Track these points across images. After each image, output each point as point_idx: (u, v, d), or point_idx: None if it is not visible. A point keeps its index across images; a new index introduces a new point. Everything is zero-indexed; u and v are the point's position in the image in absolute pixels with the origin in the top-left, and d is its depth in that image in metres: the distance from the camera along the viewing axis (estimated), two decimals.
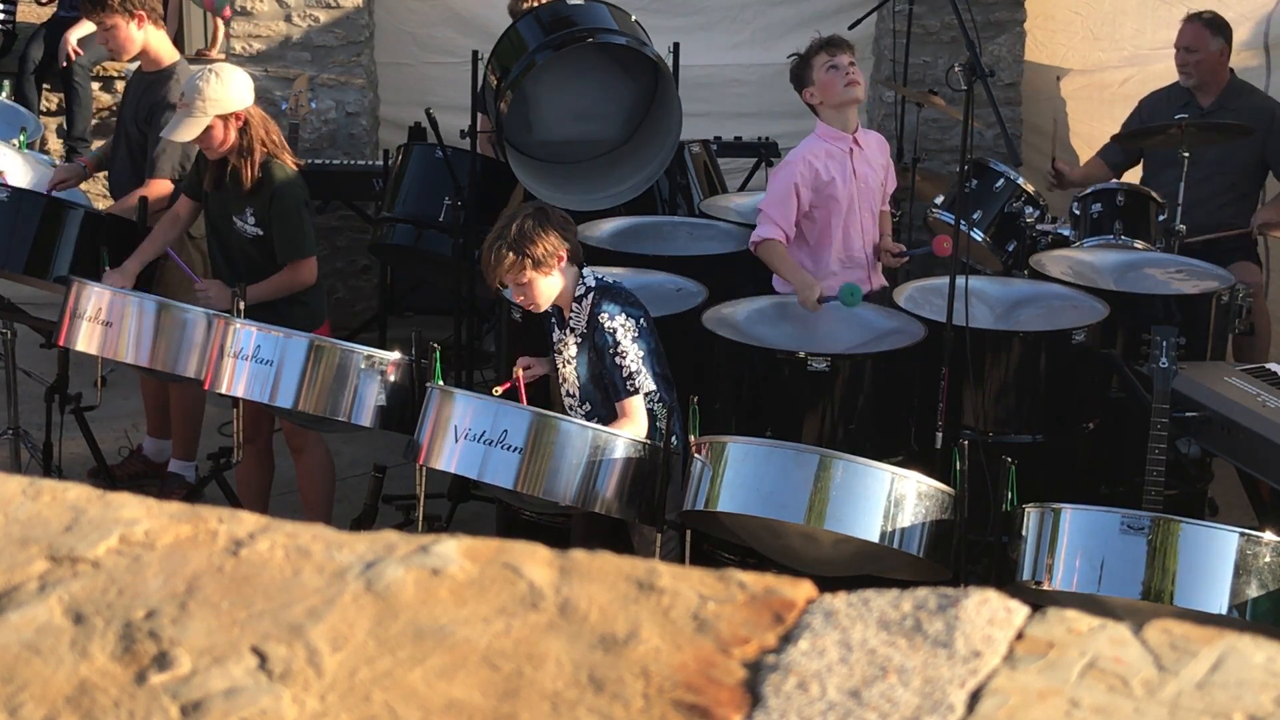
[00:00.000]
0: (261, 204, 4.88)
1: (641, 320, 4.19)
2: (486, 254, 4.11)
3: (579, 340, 4.22)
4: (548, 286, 4.15)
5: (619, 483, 3.81)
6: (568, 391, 4.30)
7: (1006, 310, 5.01)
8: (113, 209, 5.48)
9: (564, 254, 4.13)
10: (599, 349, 4.13)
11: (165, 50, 5.57)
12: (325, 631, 1.07)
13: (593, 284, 4.20)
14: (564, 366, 4.29)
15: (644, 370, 4.12)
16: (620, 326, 4.12)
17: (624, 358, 4.09)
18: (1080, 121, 7.65)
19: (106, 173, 6.06)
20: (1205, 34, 6.28)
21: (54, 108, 8.99)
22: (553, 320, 4.33)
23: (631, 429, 4.02)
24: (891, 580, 3.62)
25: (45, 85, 8.97)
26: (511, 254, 4.05)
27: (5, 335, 5.53)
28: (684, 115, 5.69)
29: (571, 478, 3.77)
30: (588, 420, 4.19)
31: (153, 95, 5.47)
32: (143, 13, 5.44)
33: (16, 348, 5.59)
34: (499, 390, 4.21)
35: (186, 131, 4.83)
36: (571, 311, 4.22)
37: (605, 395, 4.19)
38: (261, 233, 4.91)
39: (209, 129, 4.80)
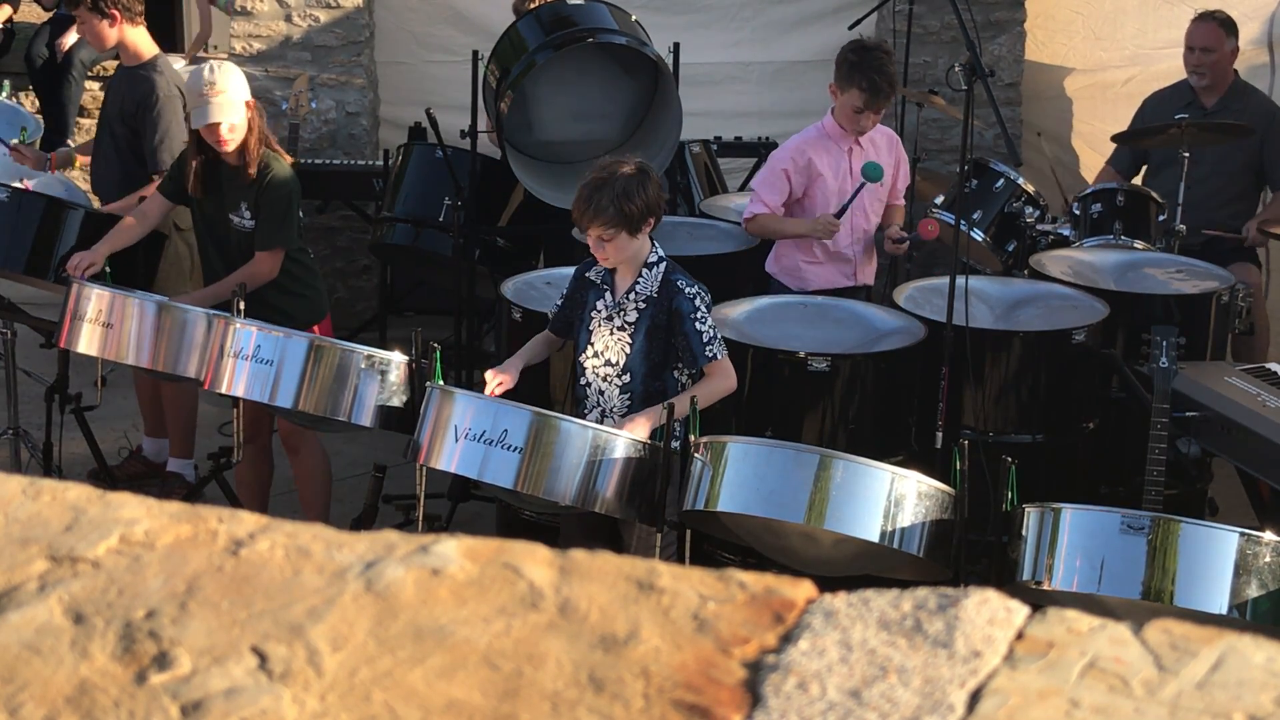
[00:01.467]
0: (255, 196, 4.89)
1: (709, 294, 4.22)
2: (584, 199, 4.03)
3: (642, 305, 4.16)
4: (629, 247, 4.10)
5: (619, 483, 3.80)
6: (608, 361, 4.20)
7: (1006, 310, 5.01)
8: (113, 208, 5.48)
9: (653, 221, 4.11)
10: (676, 314, 4.10)
11: (144, 45, 5.59)
12: (325, 631, 1.07)
13: (663, 254, 4.21)
14: (609, 335, 4.20)
15: (720, 338, 4.15)
16: (699, 295, 4.13)
17: (705, 323, 4.10)
18: (1083, 121, 7.65)
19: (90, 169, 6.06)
20: (1220, 34, 6.25)
21: None
22: (602, 287, 4.24)
23: (726, 384, 4.07)
24: (891, 580, 3.62)
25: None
26: (613, 209, 3.99)
27: (5, 335, 5.53)
28: (684, 115, 5.69)
29: (571, 478, 3.77)
30: (623, 393, 4.19)
31: (136, 90, 5.48)
32: (115, 11, 5.44)
33: (16, 348, 5.59)
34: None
35: (219, 113, 4.77)
36: (640, 277, 4.16)
37: (660, 363, 4.16)
38: (256, 224, 4.92)
39: (240, 115, 4.81)
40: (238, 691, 1.01)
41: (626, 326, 4.17)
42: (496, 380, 4.17)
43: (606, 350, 4.21)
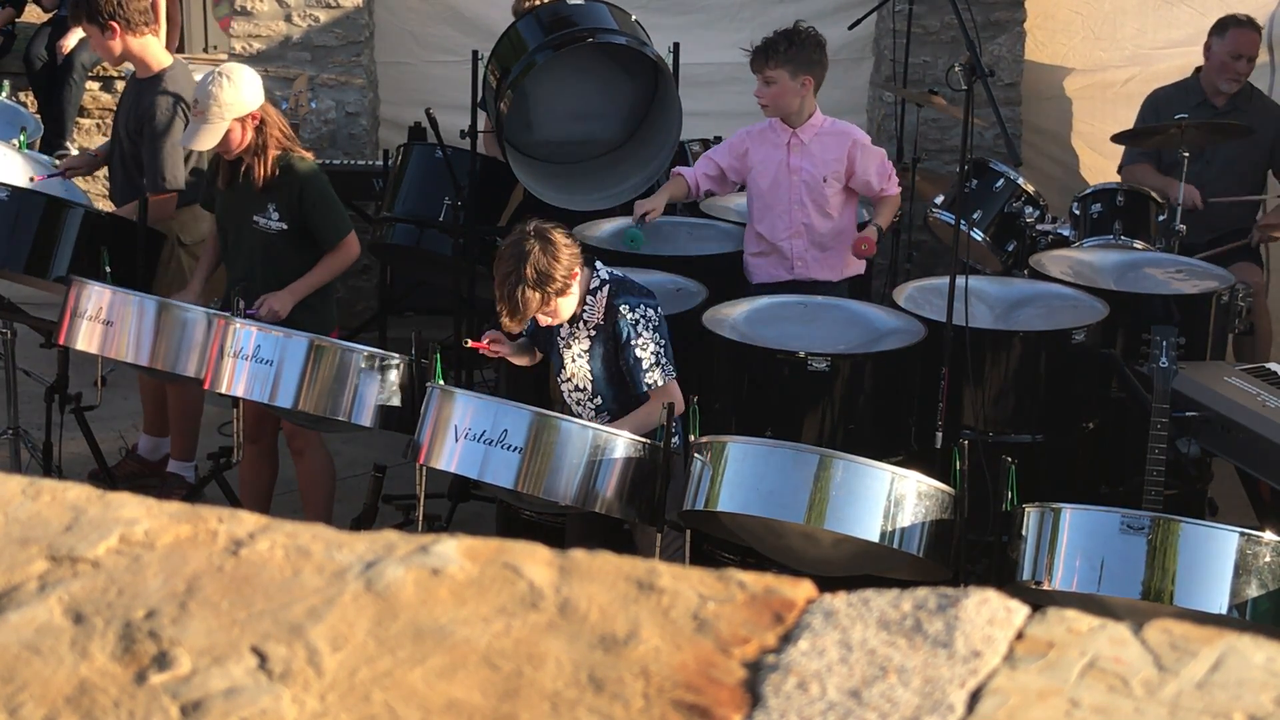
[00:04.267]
0: (288, 198, 4.89)
1: (658, 311, 4.22)
2: (508, 298, 4.01)
3: (592, 333, 4.20)
4: (570, 302, 4.14)
5: (619, 483, 3.80)
6: (576, 386, 4.27)
7: (1006, 310, 5.01)
8: (117, 213, 5.47)
9: (577, 269, 4.11)
10: (618, 339, 4.13)
11: (155, 56, 5.50)
12: (325, 631, 1.07)
13: (606, 277, 4.22)
14: (572, 363, 4.26)
15: (666, 358, 4.14)
16: (642, 318, 4.14)
17: (644, 348, 4.11)
18: (1083, 121, 7.64)
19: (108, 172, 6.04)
20: (1258, 41, 6.23)
21: None
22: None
23: (657, 411, 3.98)
24: (891, 580, 3.62)
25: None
26: (538, 294, 4.00)
27: (5, 335, 5.52)
28: (684, 114, 5.69)
29: (571, 478, 3.77)
30: (599, 414, 4.20)
31: (141, 103, 5.44)
32: (115, 24, 5.35)
33: (16, 348, 5.59)
34: (468, 343, 4.28)
35: (205, 140, 4.84)
36: (585, 305, 4.19)
37: (623, 386, 4.20)
38: (286, 227, 4.92)
39: (227, 133, 4.81)
40: (238, 691, 1.01)
41: (583, 354, 4.24)
42: (493, 336, 4.24)
43: (574, 377, 4.29)
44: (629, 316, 4.12)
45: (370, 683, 1.02)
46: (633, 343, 4.10)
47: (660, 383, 4.12)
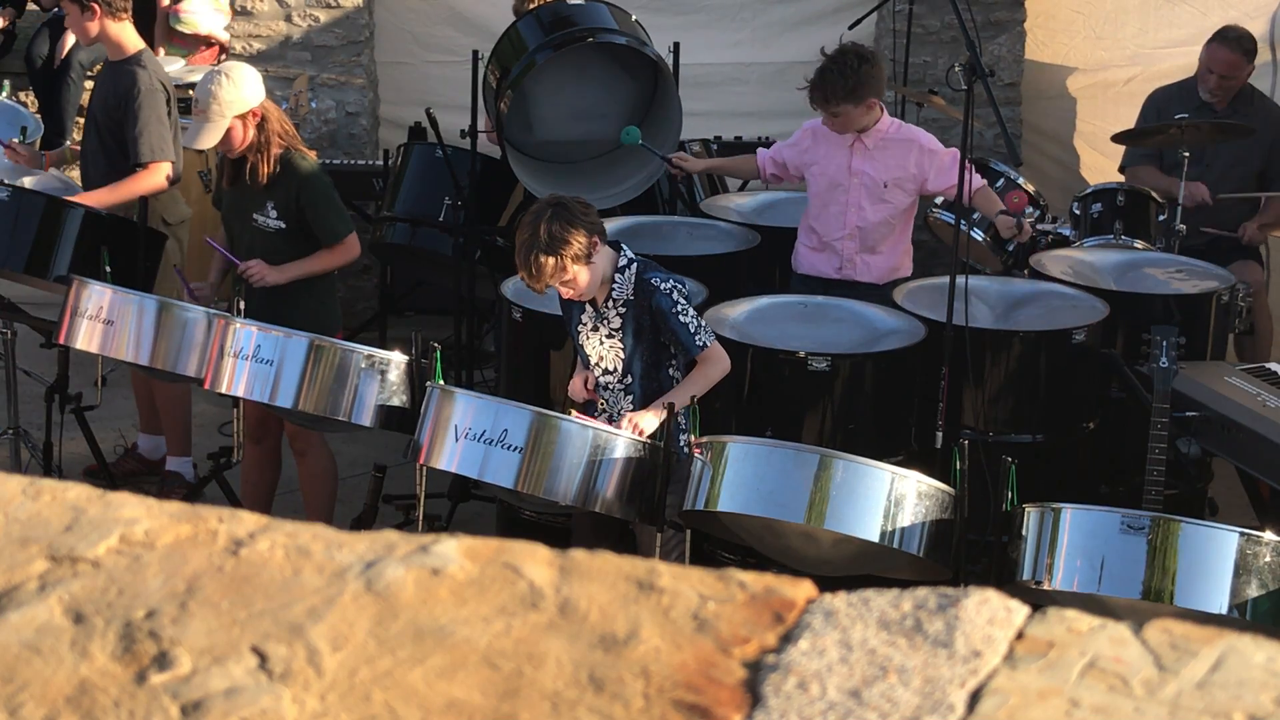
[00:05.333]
0: (286, 196, 4.90)
1: (685, 285, 4.25)
2: (524, 263, 4.04)
3: (622, 310, 4.20)
4: (591, 274, 4.12)
5: (619, 482, 3.80)
6: (606, 369, 4.26)
7: (1006, 310, 5.01)
8: (104, 204, 5.47)
9: (597, 239, 4.12)
10: (657, 312, 4.14)
11: (130, 39, 5.61)
12: (325, 631, 1.07)
13: (632, 255, 4.24)
14: (600, 345, 4.25)
15: (702, 322, 4.18)
16: (675, 288, 4.16)
17: (687, 314, 4.14)
18: (1085, 121, 7.64)
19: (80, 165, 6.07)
20: (1243, 62, 6.18)
21: None
22: (584, 303, 4.27)
23: (719, 368, 4.14)
24: (891, 580, 3.62)
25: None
26: (551, 258, 4.00)
27: (5, 335, 5.52)
28: (684, 115, 5.69)
29: (571, 477, 3.77)
30: (627, 393, 4.21)
31: (119, 84, 5.51)
32: (95, 5, 5.47)
33: (16, 348, 5.59)
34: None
35: (206, 138, 4.86)
36: (614, 283, 4.19)
37: (654, 362, 4.21)
38: (285, 225, 4.92)
39: (229, 131, 4.82)
40: (238, 691, 1.01)
41: (615, 334, 4.22)
42: (581, 398, 4.30)
43: (603, 360, 4.26)
44: (663, 287, 4.14)
45: (370, 683, 1.02)
46: (674, 310, 4.12)
47: (708, 344, 4.15)
